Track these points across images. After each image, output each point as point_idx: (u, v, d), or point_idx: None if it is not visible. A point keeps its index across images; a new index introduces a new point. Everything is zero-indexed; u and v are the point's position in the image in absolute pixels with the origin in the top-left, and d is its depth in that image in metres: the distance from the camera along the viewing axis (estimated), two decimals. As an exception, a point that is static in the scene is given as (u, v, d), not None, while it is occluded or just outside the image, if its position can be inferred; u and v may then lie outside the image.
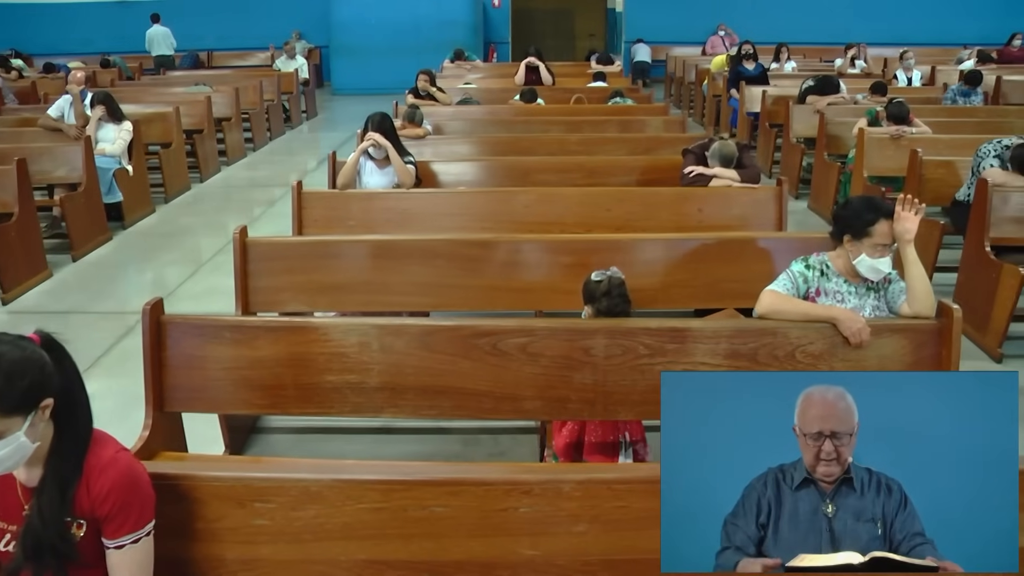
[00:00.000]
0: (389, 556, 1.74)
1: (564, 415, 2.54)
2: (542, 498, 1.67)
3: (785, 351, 2.53)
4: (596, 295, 2.70)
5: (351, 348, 2.54)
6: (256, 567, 1.78)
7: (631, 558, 1.69)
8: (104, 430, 1.70)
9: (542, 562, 1.70)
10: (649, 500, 1.67)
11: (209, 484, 1.78)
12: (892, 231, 2.56)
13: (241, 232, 3.37)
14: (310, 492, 1.75)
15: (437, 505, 1.70)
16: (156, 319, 2.59)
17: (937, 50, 12.59)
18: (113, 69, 11.02)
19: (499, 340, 2.47)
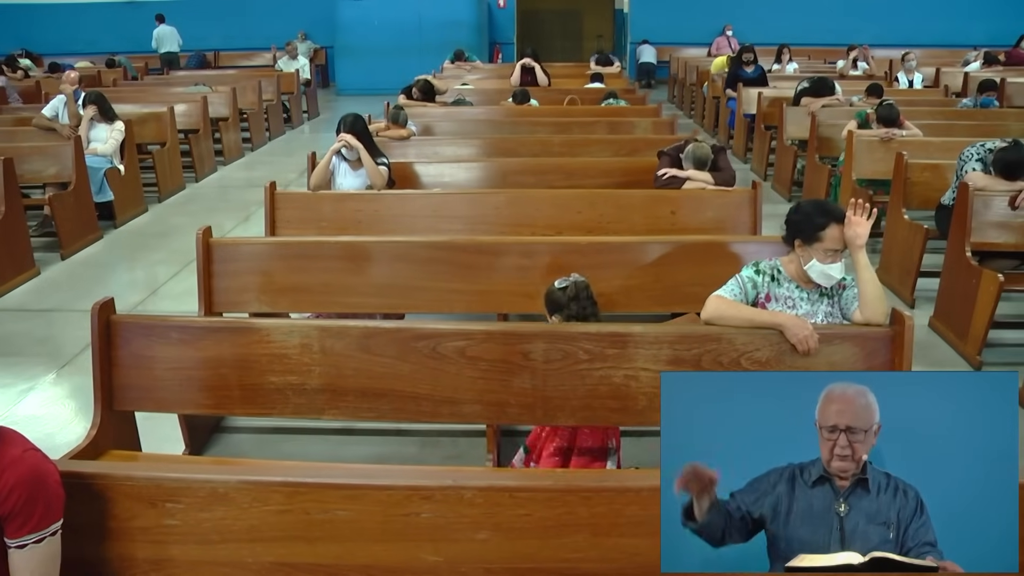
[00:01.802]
0: (295, 559, 1.73)
1: (503, 419, 2.53)
2: (444, 504, 1.66)
3: (730, 357, 2.50)
4: (563, 302, 2.68)
5: (292, 349, 2.54)
6: (166, 567, 1.79)
7: (534, 567, 1.68)
8: (15, 429, 1.71)
9: (446, 568, 1.68)
10: (551, 509, 1.65)
11: (122, 484, 1.79)
12: (843, 236, 2.52)
13: (204, 232, 3.39)
14: (217, 493, 1.75)
15: (340, 509, 1.70)
16: (105, 319, 2.61)
17: (945, 52, 12.43)
18: (118, 69, 11.14)
19: (438, 343, 2.46)
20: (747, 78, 8.64)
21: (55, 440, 3.19)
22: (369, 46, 13.85)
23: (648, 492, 1.64)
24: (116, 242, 6.00)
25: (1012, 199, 4.15)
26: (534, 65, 8.77)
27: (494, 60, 15.08)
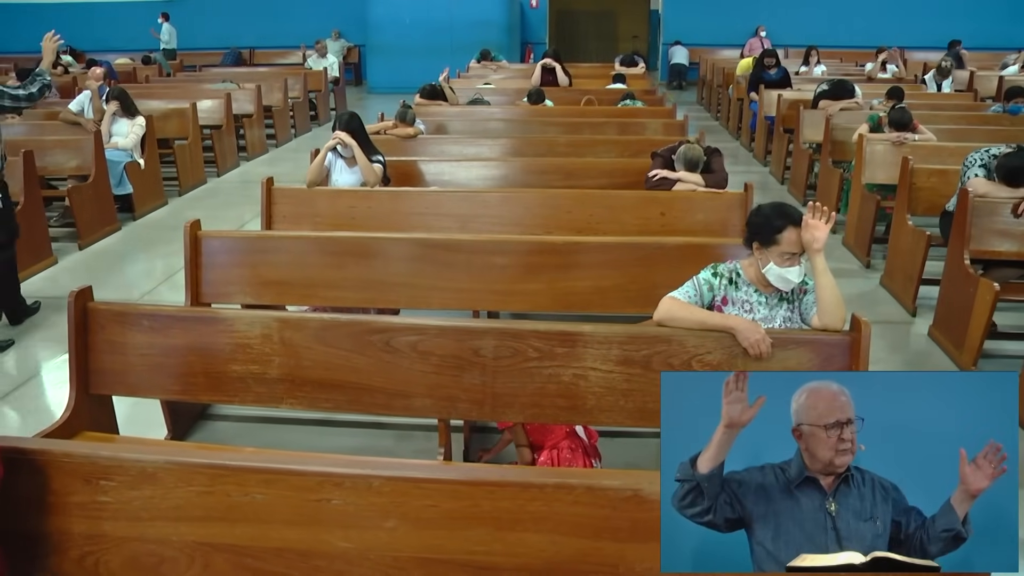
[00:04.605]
0: (216, 539, 1.80)
1: (453, 414, 2.57)
2: (353, 491, 1.71)
3: (681, 359, 2.50)
4: None
5: (255, 340, 2.62)
6: (99, 542, 1.87)
7: (441, 558, 1.71)
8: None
9: (355, 555, 1.73)
10: (456, 501, 1.68)
11: (60, 460, 1.87)
12: (800, 239, 2.49)
13: (192, 225, 3.50)
14: (146, 473, 1.82)
15: (258, 492, 1.75)
16: (82, 306, 2.73)
17: (987, 55, 12.06)
18: (154, 65, 11.48)
19: (391, 337, 2.52)
20: (770, 80, 8.53)
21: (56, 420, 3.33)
22: (400, 45, 14.02)
23: (552, 489, 1.66)
24: (133, 233, 6.21)
25: (1015, 207, 4.04)
26: (555, 65, 8.77)
27: (526, 60, 15.10)
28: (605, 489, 1.66)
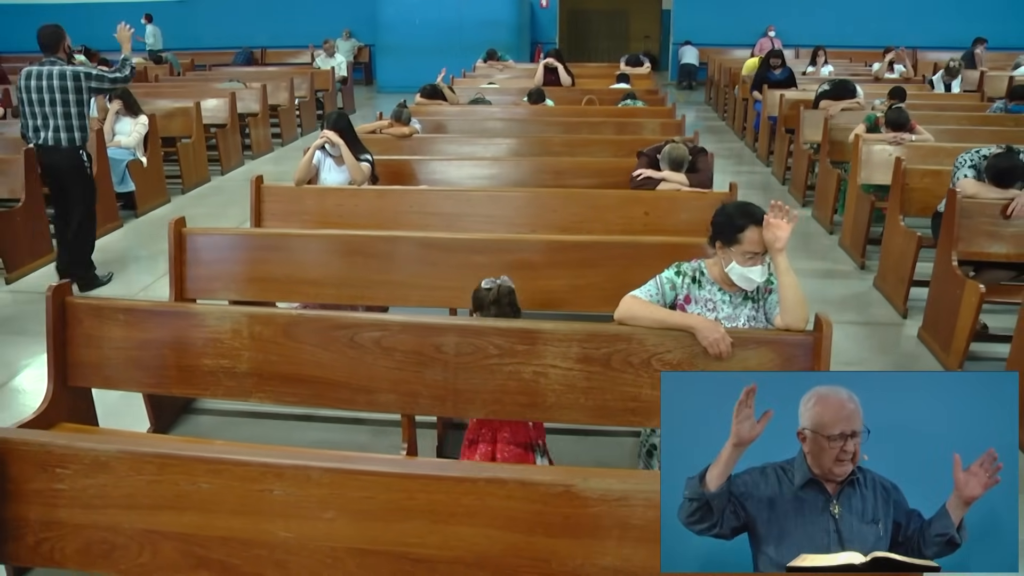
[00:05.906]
0: (164, 527, 1.85)
1: (415, 410, 2.60)
2: (293, 482, 1.75)
3: (640, 358, 2.51)
4: (484, 303, 2.73)
5: (225, 334, 2.67)
6: (55, 529, 1.93)
7: (377, 549, 1.74)
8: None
9: (295, 544, 1.77)
10: (392, 493, 1.72)
11: (18, 448, 1.93)
12: (762, 239, 2.49)
13: (176, 222, 3.56)
14: (99, 461, 1.87)
15: (204, 482, 1.80)
16: (60, 300, 2.79)
17: (1002, 55, 11.90)
18: (164, 65, 11.63)
19: (356, 333, 2.55)
20: (774, 80, 8.48)
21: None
22: (410, 45, 14.09)
23: (484, 483, 1.69)
24: (135, 230, 6.31)
25: (1004, 208, 4.00)
26: (557, 65, 8.79)
27: (535, 60, 15.11)
28: (537, 484, 1.68)
